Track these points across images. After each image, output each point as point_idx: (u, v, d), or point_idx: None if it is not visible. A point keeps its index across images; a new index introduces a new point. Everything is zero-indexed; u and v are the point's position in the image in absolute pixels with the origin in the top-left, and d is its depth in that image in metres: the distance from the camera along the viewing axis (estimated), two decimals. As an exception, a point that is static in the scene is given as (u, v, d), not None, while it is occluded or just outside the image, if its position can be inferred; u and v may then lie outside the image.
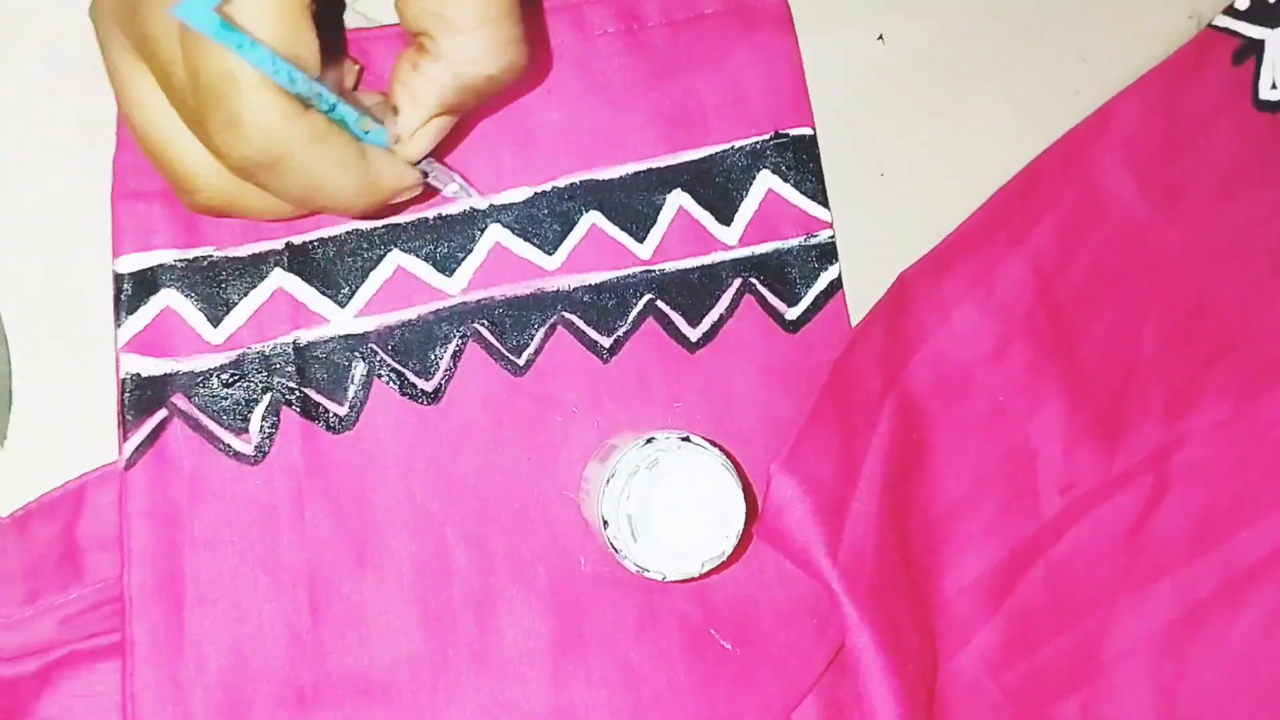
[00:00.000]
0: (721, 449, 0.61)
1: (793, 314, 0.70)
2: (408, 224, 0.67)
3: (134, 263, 0.64)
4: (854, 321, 0.71)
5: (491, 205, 0.68)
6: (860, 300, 0.72)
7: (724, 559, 0.60)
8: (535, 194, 0.68)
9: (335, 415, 0.65)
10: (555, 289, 0.68)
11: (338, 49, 0.65)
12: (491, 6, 0.56)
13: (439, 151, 0.63)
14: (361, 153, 0.58)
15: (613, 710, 0.66)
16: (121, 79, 0.57)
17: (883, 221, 0.73)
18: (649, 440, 0.60)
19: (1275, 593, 0.72)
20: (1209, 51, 0.76)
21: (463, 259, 0.67)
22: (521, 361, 0.67)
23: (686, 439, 0.60)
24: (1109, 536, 0.72)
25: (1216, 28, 0.76)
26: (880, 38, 0.74)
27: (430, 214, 0.68)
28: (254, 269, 0.65)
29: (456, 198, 0.66)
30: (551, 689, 0.65)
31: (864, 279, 0.72)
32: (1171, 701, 0.71)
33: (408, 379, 0.66)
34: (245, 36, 0.51)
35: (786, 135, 0.71)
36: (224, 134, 0.53)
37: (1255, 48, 0.75)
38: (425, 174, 0.63)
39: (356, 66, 0.65)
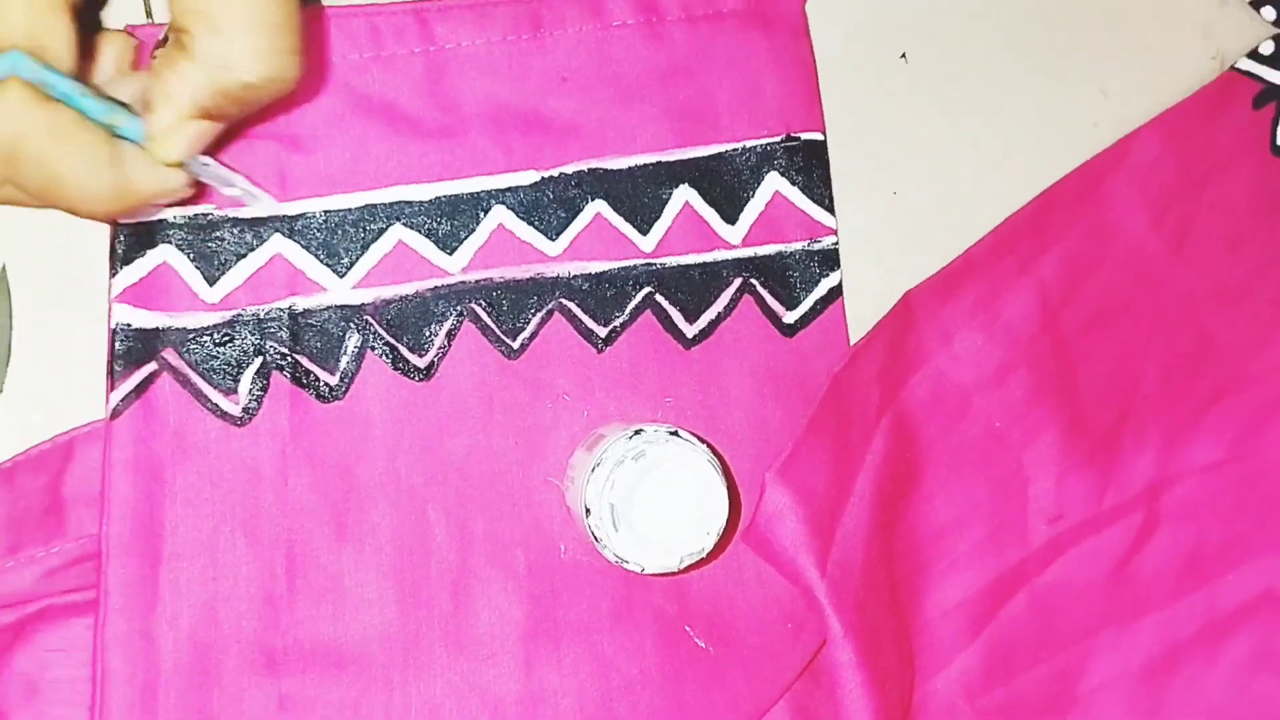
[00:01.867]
0: (709, 446, 0.61)
1: (790, 318, 0.70)
2: (412, 200, 0.67)
3: (131, 213, 0.64)
4: (851, 332, 0.71)
5: (492, 190, 0.68)
6: (861, 314, 0.71)
7: (703, 556, 0.60)
8: (542, 178, 0.68)
9: (325, 384, 0.65)
10: (555, 275, 0.68)
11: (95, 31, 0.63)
12: (259, 12, 0.53)
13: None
14: (114, 154, 0.56)
15: (581, 698, 0.65)
16: None
17: (891, 238, 0.73)
18: (637, 432, 0.60)
19: (1256, 638, 0.72)
20: (1230, 94, 0.76)
21: (465, 238, 0.67)
22: (516, 345, 0.67)
23: (675, 433, 0.60)
24: (1095, 570, 0.72)
25: (1239, 70, 0.76)
26: (903, 56, 0.74)
27: (434, 191, 0.67)
28: (253, 231, 0.65)
29: (245, 201, 0.65)
30: (522, 673, 0.65)
31: (867, 293, 0.72)
32: (1146, 738, 0.71)
33: (401, 353, 0.66)
34: None
35: (797, 139, 0.71)
36: None
37: (1276, 93, 0.75)
38: (197, 174, 0.60)
39: (135, 41, 0.64)
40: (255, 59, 0.54)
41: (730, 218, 0.70)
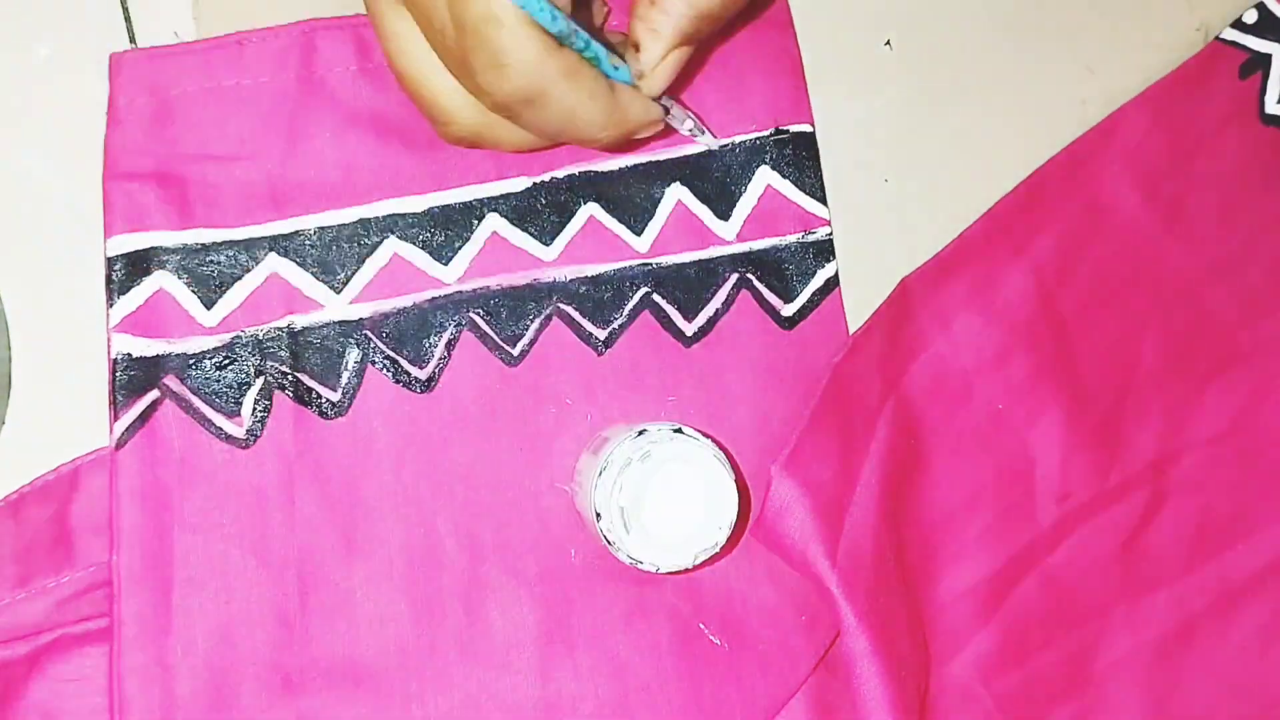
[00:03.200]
0: (713, 440, 0.61)
1: (789, 310, 0.70)
2: (405, 212, 0.67)
3: (126, 243, 0.64)
4: (850, 322, 0.71)
5: (484, 198, 0.68)
6: (860, 303, 0.71)
7: (717, 550, 0.60)
8: (534, 184, 0.68)
9: (328, 401, 0.65)
10: (551, 280, 0.68)
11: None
12: None
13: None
14: (610, 87, 0.60)
15: (599, 702, 0.65)
16: (383, 21, 0.60)
17: (885, 226, 0.73)
18: (641, 432, 0.60)
19: (1269, 607, 0.72)
20: (1216, 64, 0.76)
21: (459, 248, 0.67)
22: (516, 352, 0.67)
23: (679, 430, 0.60)
24: (1105, 547, 0.72)
25: (1224, 41, 0.76)
26: (888, 43, 0.74)
27: (427, 202, 0.67)
28: (248, 252, 0.65)
29: (693, 136, 0.68)
30: (539, 679, 0.65)
31: (864, 282, 0.72)
32: (1163, 713, 0.71)
33: (402, 367, 0.66)
34: None
35: (786, 131, 0.71)
36: (487, 73, 0.56)
37: (1262, 61, 0.75)
38: (666, 110, 0.64)
39: (605, 8, 0.67)
40: None
41: (723, 214, 0.70)
